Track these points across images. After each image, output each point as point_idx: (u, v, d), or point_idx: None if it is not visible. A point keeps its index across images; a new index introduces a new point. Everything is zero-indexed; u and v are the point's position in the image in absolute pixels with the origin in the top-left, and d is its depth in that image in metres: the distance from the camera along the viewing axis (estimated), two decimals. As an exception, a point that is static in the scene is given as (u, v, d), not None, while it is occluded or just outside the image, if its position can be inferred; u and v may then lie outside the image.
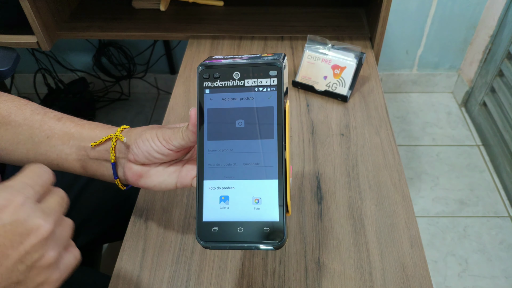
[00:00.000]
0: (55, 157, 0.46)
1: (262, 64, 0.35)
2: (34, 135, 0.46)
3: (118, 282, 0.49)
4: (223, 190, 0.36)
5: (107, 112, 1.72)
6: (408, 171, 1.44)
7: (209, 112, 0.36)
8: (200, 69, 0.37)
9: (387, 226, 0.53)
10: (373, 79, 0.78)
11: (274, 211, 0.34)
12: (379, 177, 0.60)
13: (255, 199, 0.35)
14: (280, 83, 0.35)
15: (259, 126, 0.35)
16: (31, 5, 0.82)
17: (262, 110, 0.35)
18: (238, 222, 0.34)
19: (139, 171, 0.44)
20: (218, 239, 0.34)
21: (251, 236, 0.34)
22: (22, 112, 0.47)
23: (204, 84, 0.36)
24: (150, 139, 0.41)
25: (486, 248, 1.22)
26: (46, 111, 0.47)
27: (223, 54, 0.86)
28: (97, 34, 0.94)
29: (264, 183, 0.35)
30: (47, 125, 0.46)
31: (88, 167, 0.47)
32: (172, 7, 1.01)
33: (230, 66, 0.36)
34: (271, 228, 0.34)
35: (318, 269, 0.49)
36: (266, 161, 0.35)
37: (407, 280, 0.48)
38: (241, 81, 0.36)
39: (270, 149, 0.35)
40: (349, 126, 0.68)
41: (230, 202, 0.35)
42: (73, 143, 0.45)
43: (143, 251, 0.52)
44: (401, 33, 1.53)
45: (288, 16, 0.98)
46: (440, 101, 1.70)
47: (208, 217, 0.35)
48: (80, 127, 0.46)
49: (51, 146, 0.46)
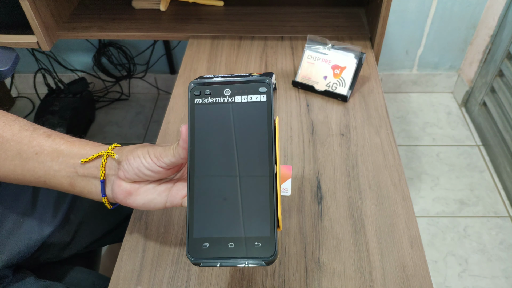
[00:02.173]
0: (43, 173, 0.46)
1: (252, 82, 0.36)
2: (23, 151, 0.45)
3: (118, 282, 0.49)
4: (214, 205, 0.35)
5: (107, 112, 1.72)
6: (408, 171, 1.44)
7: (199, 128, 0.37)
8: (191, 86, 0.37)
9: (387, 226, 0.53)
10: (373, 79, 0.78)
11: (265, 226, 0.34)
12: (379, 177, 0.60)
13: (246, 214, 0.35)
14: (270, 99, 0.36)
15: (249, 141, 0.36)
16: (31, 5, 0.82)
17: (252, 125, 0.36)
18: (228, 237, 0.34)
19: (128, 188, 0.43)
20: (209, 255, 0.34)
21: (242, 252, 0.34)
22: (11, 128, 0.46)
23: (195, 100, 0.37)
24: (142, 155, 0.41)
25: (486, 248, 1.22)
26: (35, 127, 0.47)
27: (223, 54, 0.86)
28: (97, 34, 0.94)
29: (255, 198, 0.35)
30: (36, 141, 0.45)
31: (76, 184, 0.46)
32: (172, 7, 1.01)
33: (221, 83, 0.37)
34: (262, 243, 0.34)
35: (318, 269, 0.49)
36: (256, 176, 0.35)
37: (407, 280, 0.48)
38: (232, 98, 0.36)
39: (260, 163, 0.35)
40: (349, 126, 0.68)
41: (221, 217, 0.35)
42: (62, 159, 0.45)
43: (143, 251, 0.52)
44: (401, 33, 1.53)
45: (288, 16, 0.98)
46: (440, 101, 1.70)
47: (198, 233, 0.35)
48: (70, 144, 0.45)
49: (39, 162, 0.45)
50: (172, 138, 0.67)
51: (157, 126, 1.64)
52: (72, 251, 0.65)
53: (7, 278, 0.56)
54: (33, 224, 0.59)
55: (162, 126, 0.69)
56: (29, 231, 0.59)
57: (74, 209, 0.64)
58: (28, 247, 0.58)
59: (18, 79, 1.74)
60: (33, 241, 0.59)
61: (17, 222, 0.58)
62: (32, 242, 0.59)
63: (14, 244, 0.57)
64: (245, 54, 0.86)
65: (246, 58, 0.85)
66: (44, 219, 0.61)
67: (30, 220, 0.60)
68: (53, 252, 0.62)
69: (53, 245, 0.62)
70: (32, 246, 0.59)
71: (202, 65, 0.83)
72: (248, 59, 0.84)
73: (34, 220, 0.60)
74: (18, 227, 0.58)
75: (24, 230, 0.58)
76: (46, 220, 0.61)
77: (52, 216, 0.62)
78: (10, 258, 0.56)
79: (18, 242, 0.57)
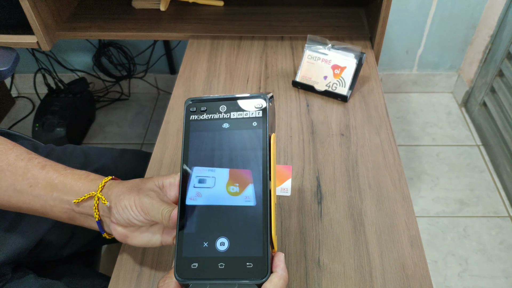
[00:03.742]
0: (39, 207, 0.45)
1: (248, 98, 0.36)
2: (17, 182, 0.44)
3: (118, 282, 0.49)
4: (205, 223, 0.34)
5: (107, 112, 1.72)
6: (408, 171, 1.44)
7: (193, 144, 0.36)
8: (187, 103, 0.37)
9: (387, 226, 0.53)
10: (373, 79, 0.78)
11: (258, 245, 0.33)
12: (379, 177, 0.60)
13: (238, 233, 0.33)
14: (265, 115, 0.35)
15: (243, 158, 0.35)
16: (31, 5, 0.82)
17: (247, 141, 0.35)
18: (219, 257, 0.33)
19: (123, 232, 0.43)
20: (198, 276, 0.33)
21: (233, 273, 0.32)
22: (7, 157, 0.45)
23: (190, 117, 0.37)
24: (129, 207, 0.40)
25: (486, 248, 1.22)
26: (30, 157, 0.46)
27: (223, 54, 0.86)
28: (97, 34, 0.94)
29: (248, 215, 0.34)
30: (30, 173, 0.44)
31: (75, 219, 0.46)
32: (172, 7, 1.01)
33: (217, 100, 0.36)
34: (254, 263, 0.32)
35: (318, 269, 0.49)
36: (250, 191, 0.34)
37: (407, 280, 0.48)
38: (227, 114, 0.36)
39: (255, 178, 0.34)
40: (349, 126, 0.68)
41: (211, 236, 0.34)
42: (56, 195, 0.44)
43: (143, 251, 0.52)
44: (401, 33, 1.53)
45: (288, 16, 0.98)
46: (440, 101, 1.70)
47: (187, 252, 0.34)
48: (64, 178, 0.44)
49: (34, 196, 0.44)
50: (172, 138, 0.67)
51: (157, 126, 1.64)
52: (72, 249, 0.65)
53: (6, 275, 0.56)
54: (30, 221, 0.59)
55: (162, 126, 0.69)
56: (27, 228, 0.59)
57: None
58: (26, 244, 0.58)
59: (18, 79, 1.74)
60: (31, 238, 0.59)
61: (15, 219, 0.59)
62: (30, 239, 0.59)
63: (12, 241, 0.57)
64: (245, 54, 0.86)
65: (246, 58, 0.85)
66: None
67: (28, 217, 0.60)
68: (52, 250, 0.63)
69: (52, 242, 0.62)
70: (30, 242, 0.59)
71: (202, 65, 0.83)
72: (248, 59, 0.84)
73: (32, 217, 0.60)
74: (16, 224, 0.58)
75: (22, 227, 0.59)
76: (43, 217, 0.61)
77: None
78: (9, 255, 0.56)
79: (16, 239, 0.57)
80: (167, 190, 0.42)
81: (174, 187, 0.42)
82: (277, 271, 0.33)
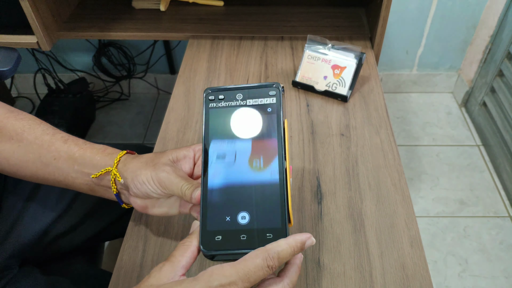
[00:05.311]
0: (63, 179, 0.48)
1: (263, 86, 0.39)
2: (43, 155, 0.47)
3: (118, 282, 0.49)
4: (227, 199, 0.37)
5: (107, 112, 1.72)
6: (408, 171, 1.44)
7: (213, 129, 0.39)
8: (207, 92, 0.40)
9: (387, 226, 0.53)
10: (373, 79, 0.78)
11: (276, 218, 0.35)
12: (379, 177, 0.60)
13: (258, 207, 0.36)
14: (279, 101, 0.38)
15: (260, 140, 0.38)
16: (31, 5, 0.82)
17: (263, 125, 0.38)
18: (241, 230, 0.35)
19: (142, 204, 0.46)
20: (222, 248, 0.35)
21: (254, 243, 0.35)
22: (34, 131, 0.48)
23: (210, 105, 0.39)
24: (146, 182, 0.42)
25: (486, 248, 1.22)
26: (55, 132, 0.49)
27: (223, 54, 0.86)
28: (97, 34, 0.94)
29: (267, 191, 0.36)
30: (54, 146, 0.47)
31: (95, 191, 0.48)
32: (172, 7, 1.01)
33: (234, 89, 0.39)
34: (274, 234, 0.35)
35: (318, 269, 0.49)
36: (267, 170, 0.37)
37: (407, 280, 0.48)
38: (244, 101, 0.39)
39: (271, 158, 0.37)
40: (349, 126, 0.68)
41: (234, 210, 0.36)
42: (77, 168, 0.47)
43: (143, 251, 0.52)
44: (401, 33, 1.53)
45: (288, 16, 0.98)
46: (440, 101, 1.70)
47: (211, 226, 0.36)
48: (83, 151, 0.47)
49: (58, 168, 0.47)
50: (172, 138, 0.67)
51: (157, 126, 1.64)
52: (77, 241, 0.66)
53: (13, 269, 0.57)
54: (36, 211, 0.61)
55: (162, 126, 0.69)
56: (31, 221, 0.60)
57: (77, 199, 0.65)
58: (32, 235, 0.60)
59: (18, 79, 1.74)
60: (35, 230, 0.60)
61: (21, 210, 0.60)
62: (34, 231, 0.60)
63: (17, 234, 0.59)
64: (245, 54, 0.86)
65: (246, 58, 0.85)
66: (47, 206, 0.62)
67: (33, 208, 0.61)
68: (57, 243, 0.63)
69: (57, 234, 0.63)
70: (35, 235, 0.60)
71: (202, 65, 0.83)
72: (248, 59, 0.84)
73: (37, 207, 0.61)
74: (21, 216, 0.59)
75: (26, 220, 0.60)
76: (49, 207, 0.62)
77: (56, 202, 0.63)
78: (14, 249, 0.57)
79: (21, 231, 0.59)
80: (182, 163, 0.45)
81: (189, 159, 0.45)
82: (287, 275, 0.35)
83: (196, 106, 0.73)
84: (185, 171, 0.45)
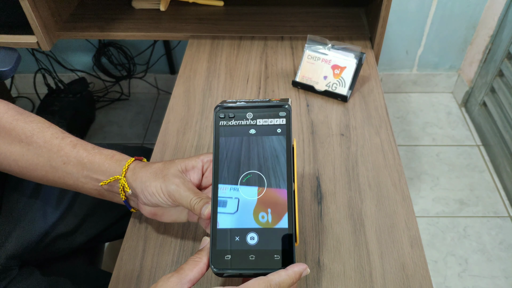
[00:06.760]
0: (72, 183, 0.48)
1: (273, 106, 0.39)
2: (52, 159, 0.47)
3: (118, 283, 0.49)
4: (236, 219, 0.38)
5: (107, 112, 1.72)
6: (408, 171, 1.44)
7: (223, 147, 0.39)
8: (217, 109, 0.40)
9: (387, 226, 0.53)
10: (373, 79, 0.78)
11: (284, 240, 0.36)
12: (379, 177, 0.60)
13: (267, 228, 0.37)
14: (289, 122, 0.39)
15: (269, 161, 0.39)
16: (31, 5, 0.82)
17: (272, 146, 0.39)
18: (250, 250, 0.37)
19: (152, 211, 0.47)
20: (231, 266, 0.36)
21: (263, 263, 0.36)
22: (43, 135, 0.48)
23: (220, 122, 0.40)
24: (156, 194, 0.43)
25: (486, 248, 1.22)
26: (64, 136, 0.49)
27: (223, 54, 0.86)
28: (97, 34, 0.94)
29: (275, 213, 0.37)
30: (63, 151, 0.47)
31: (104, 195, 0.49)
32: (172, 7, 1.01)
33: (244, 107, 0.40)
34: (281, 255, 0.36)
35: (318, 269, 0.49)
36: (276, 191, 0.38)
37: (407, 280, 0.48)
38: (254, 121, 0.39)
39: (280, 180, 0.38)
40: (349, 126, 0.68)
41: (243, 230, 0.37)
42: (86, 173, 0.47)
43: (143, 251, 0.52)
44: (401, 33, 1.53)
45: (288, 16, 0.98)
46: (440, 101, 1.70)
47: (221, 245, 0.37)
48: (92, 157, 0.47)
49: (67, 172, 0.47)
50: (172, 138, 0.67)
51: (157, 126, 1.64)
52: (77, 242, 0.66)
53: (13, 270, 0.57)
54: (37, 212, 0.61)
55: (162, 126, 0.69)
56: (33, 222, 0.60)
57: (78, 200, 0.65)
58: (32, 235, 0.60)
59: (18, 79, 1.74)
60: (36, 231, 0.60)
61: (21, 213, 0.60)
62: (36, 230, 0.60)
63: (18, 233, 0.59)
64: (245, 54, 0.86)
65: (246, 58, 0.85)
66: (48, 207, 0.62)
67: (34, 209, 0.61)
68: (58, 243, 0.63)
69: (58, 235, 0.63)
70: (36, 236, 0.60)
71: (202, 65, 0.83)
72: (248, 59, 0.84)
73: (38, 208, 0.61)
74: (22, 217, 0.60)
75: (27, 221, 0.60)
76: (50, 208, 0.62)
77: (56, 204, 0.63)
78: (15, 249, 0.57)
79: (22, 231, 0.59)
80: (190, 173, 0.45)
81: (197, 170, 0.45)
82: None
83: (196, 106, 0.73)
84: (194, 182, 0.45)
